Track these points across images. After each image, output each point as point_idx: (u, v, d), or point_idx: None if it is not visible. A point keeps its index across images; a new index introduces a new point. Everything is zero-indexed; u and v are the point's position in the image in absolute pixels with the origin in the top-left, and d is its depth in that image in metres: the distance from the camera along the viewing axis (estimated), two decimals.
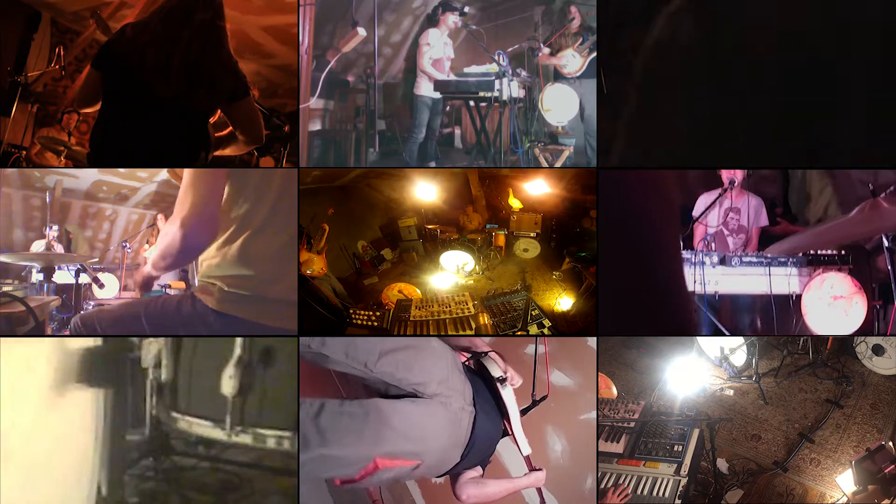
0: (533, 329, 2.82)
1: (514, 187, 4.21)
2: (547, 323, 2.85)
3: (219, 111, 2.50)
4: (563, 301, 3.08)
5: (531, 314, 2.90)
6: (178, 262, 2.09)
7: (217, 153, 2.59)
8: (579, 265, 3.40)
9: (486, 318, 2.93)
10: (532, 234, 3.95)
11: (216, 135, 2.55)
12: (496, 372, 2.15)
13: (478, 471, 2.16)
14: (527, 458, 2.20)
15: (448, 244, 3.90)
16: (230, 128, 2.55)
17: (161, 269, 2.15)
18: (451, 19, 4.14)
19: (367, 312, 3.04)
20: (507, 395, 2.14)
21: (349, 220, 4.13)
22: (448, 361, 2.10)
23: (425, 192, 4.16)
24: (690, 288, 3.16)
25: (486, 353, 2.22)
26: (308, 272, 3.11)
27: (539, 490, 2.27)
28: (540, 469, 2.21)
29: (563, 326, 2.94)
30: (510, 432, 2.17)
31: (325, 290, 3.08)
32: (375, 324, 2.93)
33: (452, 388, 2.05)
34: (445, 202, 4.27)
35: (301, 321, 2.21)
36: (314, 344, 1.99)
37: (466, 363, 2.24)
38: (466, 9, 4.19)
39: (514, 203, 4.14)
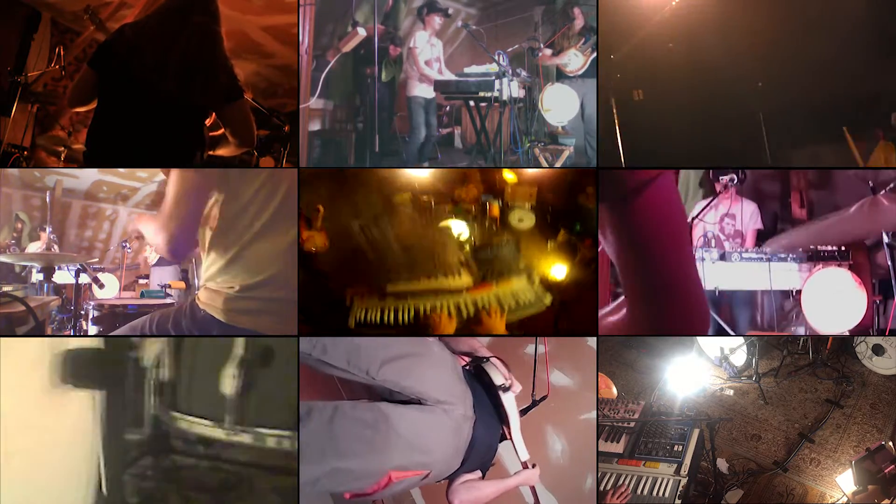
0: (522, 280, 2.81)
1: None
2: (536, 276, 2.84)
3: (213, 113, 2.50)
4: (557, 269, 3.09)
5: (519, 265, 2.92)
6: (178, 256, 2.14)
7: (210, 153, 2.59)
8: (574, 237, 3.43)
9: (473, 268, 2.98)
10: (527, 206, 3.99)
11: (210, 135, 2.55)
12: (498, 380, 2.15)
13: (476, 475, 2.16)
14: (524, 464, 2.20)
15: (443, 215, 3.93)
16: (223, 129, 2.55)
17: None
18: (437, 21, 4.15)
19: None
20: (508, 401, 2.14)
21: (344, 200, 4.17)
22: (449, 369, 2.11)
23: (419, 168, 4.23)
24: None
25: (487, 359, 2.21)
26: (313, 249, 3.18)
27: (532, 488, 2.27)
28: (534, 466, 2.22)
29: (557, 293, 2.94)
30: (509, 438, 2.17)
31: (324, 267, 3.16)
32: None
33: (454, 395, 2.06)
34: (439, 178, 4.32)
35: (300, 321, 2.21)
36: (315, 351, 1.99)
37: (466, 367, 2.24)
38: (450, 10, 4.21)
39: (509, 177, 4.21)
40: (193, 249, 2.11)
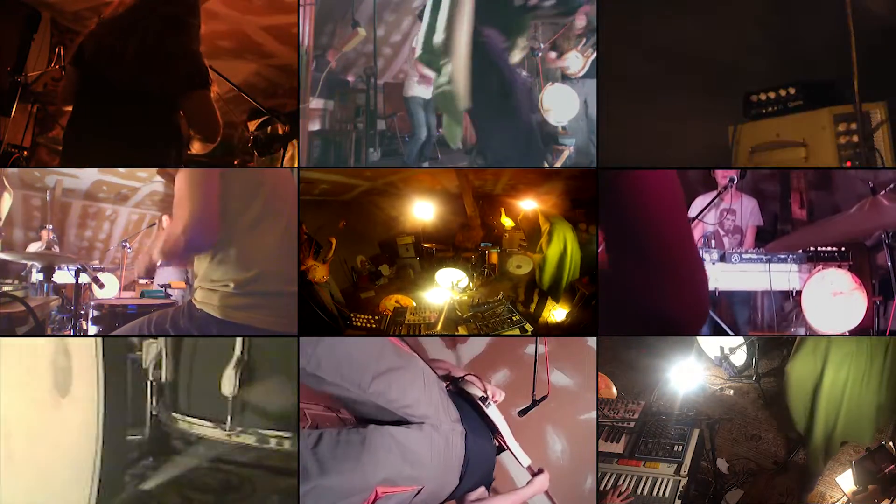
0: (515, 333, 2.90)
1: (507, 206, 4.33)
2: (529, 328, 2.91)
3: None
4: (557, 313, 3.14)
5: (512, 319, 2.98)
6: (181, 261, 2.11)
7: (190, 152, 2.59)
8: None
9: (471, 326, 3.05)
10: (524, 251, 4.03)
11: (190, 132, 2.54)
12: (477, 392, 2.16)
13: (482, 492, 2.15)
14: (528, 468, 2.21)
15: (443, 262, 3.99)
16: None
17: (164, 263, 2.16)
18: None
19: (366, 316, 3.15)
20: (493, 412, 2.15)
21: (350, 235, 4.21)
22: (433, 384, 2.13)
23: (424, 211, 4.28)
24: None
25: (463, 378, 2.23)
26: (311, 278, 3.19)
27: (547, 492, 2.27)
28: (541, 472, 2.21)
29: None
30: (506, 447, 2.17)
31: (324, 296, 3.17)
32: (374, 326, 3.04)
33: (440, 409, 2.07)
34: (442, 221, 4.38)
35: (301, 322, 2.21)
36: (309, 366, 1.98)
37: (448, 387, 2.25)
38: None
39: (507, 222, 4.25)
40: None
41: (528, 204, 4.09)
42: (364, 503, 1.88)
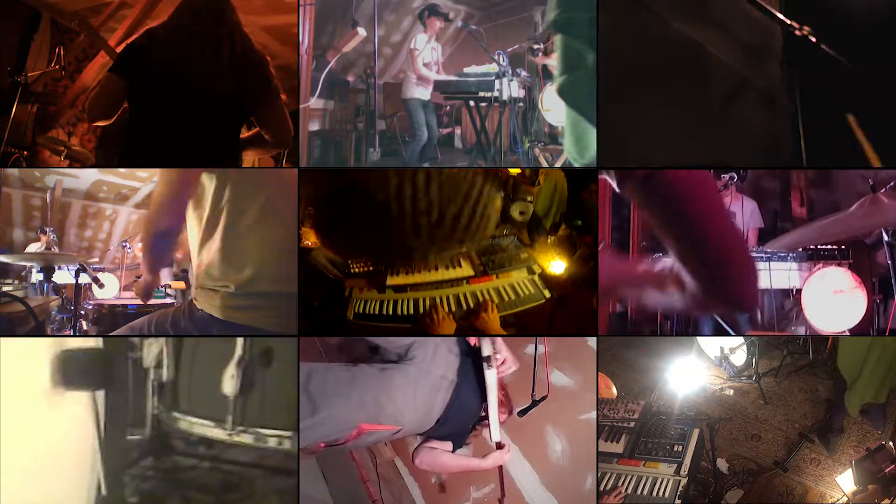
0: (522, 272, 2.81)
1: None
2: (537, 269, 2.84)
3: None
4: (556, 265, 3.09)
5: (520, 256, 2.91)
6: (158, 255, 2.12)
7: (249, 152, 2.60)
8: (575, 232, 3.44)
9: (475, 259, 2.97)
10: (528, 199, 4.00)
11: (240, 137, 2.54)
12: (486, 351, 2.19)
13: (447, 445, 2.23)
14: (497, 445, 2.22)
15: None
16: (254, 129, 2.54)
17: (150, 270, 2.18)
18: (437, 24, 4.16)
19: (361, 261, 3.11)
20: (490, 376, 2.17)
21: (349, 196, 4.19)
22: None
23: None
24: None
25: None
26: (306, 243, 3.18)
27: (500, 469, 2.28)
28: (502, 447, 2.24)
29: (556, 287, 2.94)
30: (486, 414, 2.20)
31: (320, 260, 3.16)
32: (371, 269, 3.00)
33: (435, 354, 2.15)
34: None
35: (300, 321, 2.22)
36: None
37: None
38: (451, 14, 4.21)
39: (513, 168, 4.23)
40: (172, 250, 2.10)
41: None
42: (348, 437, 2.00)
